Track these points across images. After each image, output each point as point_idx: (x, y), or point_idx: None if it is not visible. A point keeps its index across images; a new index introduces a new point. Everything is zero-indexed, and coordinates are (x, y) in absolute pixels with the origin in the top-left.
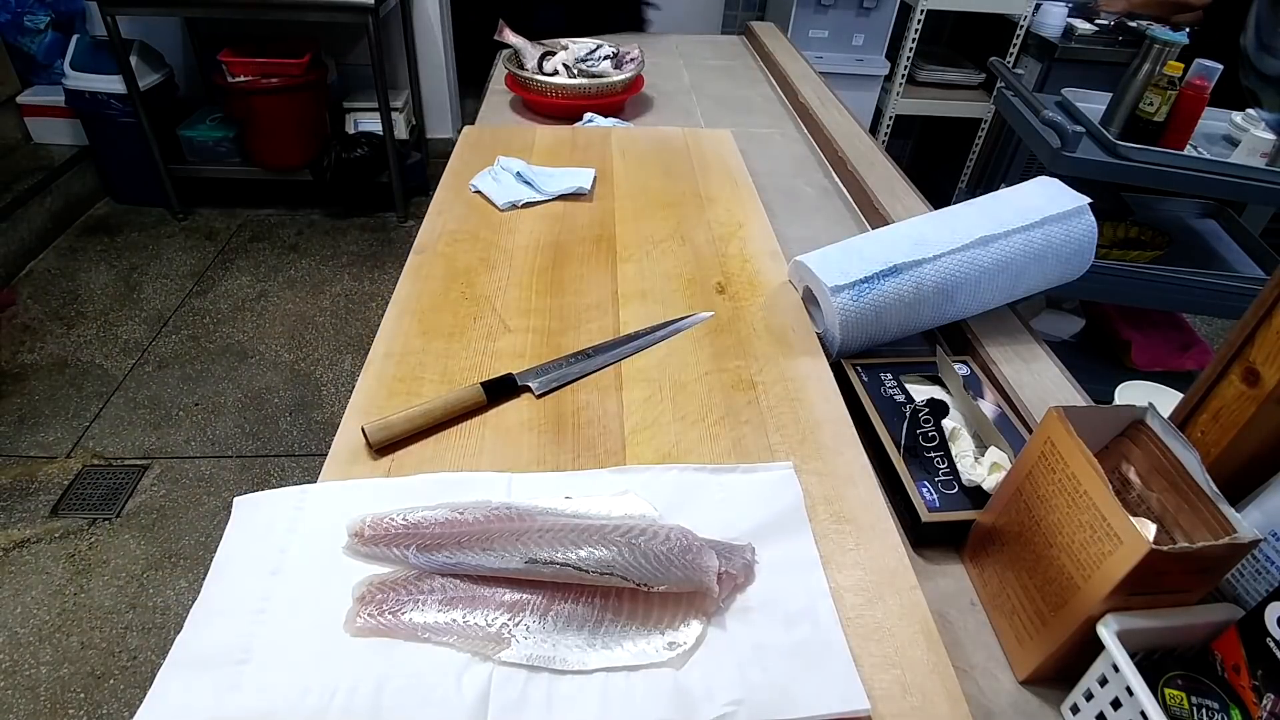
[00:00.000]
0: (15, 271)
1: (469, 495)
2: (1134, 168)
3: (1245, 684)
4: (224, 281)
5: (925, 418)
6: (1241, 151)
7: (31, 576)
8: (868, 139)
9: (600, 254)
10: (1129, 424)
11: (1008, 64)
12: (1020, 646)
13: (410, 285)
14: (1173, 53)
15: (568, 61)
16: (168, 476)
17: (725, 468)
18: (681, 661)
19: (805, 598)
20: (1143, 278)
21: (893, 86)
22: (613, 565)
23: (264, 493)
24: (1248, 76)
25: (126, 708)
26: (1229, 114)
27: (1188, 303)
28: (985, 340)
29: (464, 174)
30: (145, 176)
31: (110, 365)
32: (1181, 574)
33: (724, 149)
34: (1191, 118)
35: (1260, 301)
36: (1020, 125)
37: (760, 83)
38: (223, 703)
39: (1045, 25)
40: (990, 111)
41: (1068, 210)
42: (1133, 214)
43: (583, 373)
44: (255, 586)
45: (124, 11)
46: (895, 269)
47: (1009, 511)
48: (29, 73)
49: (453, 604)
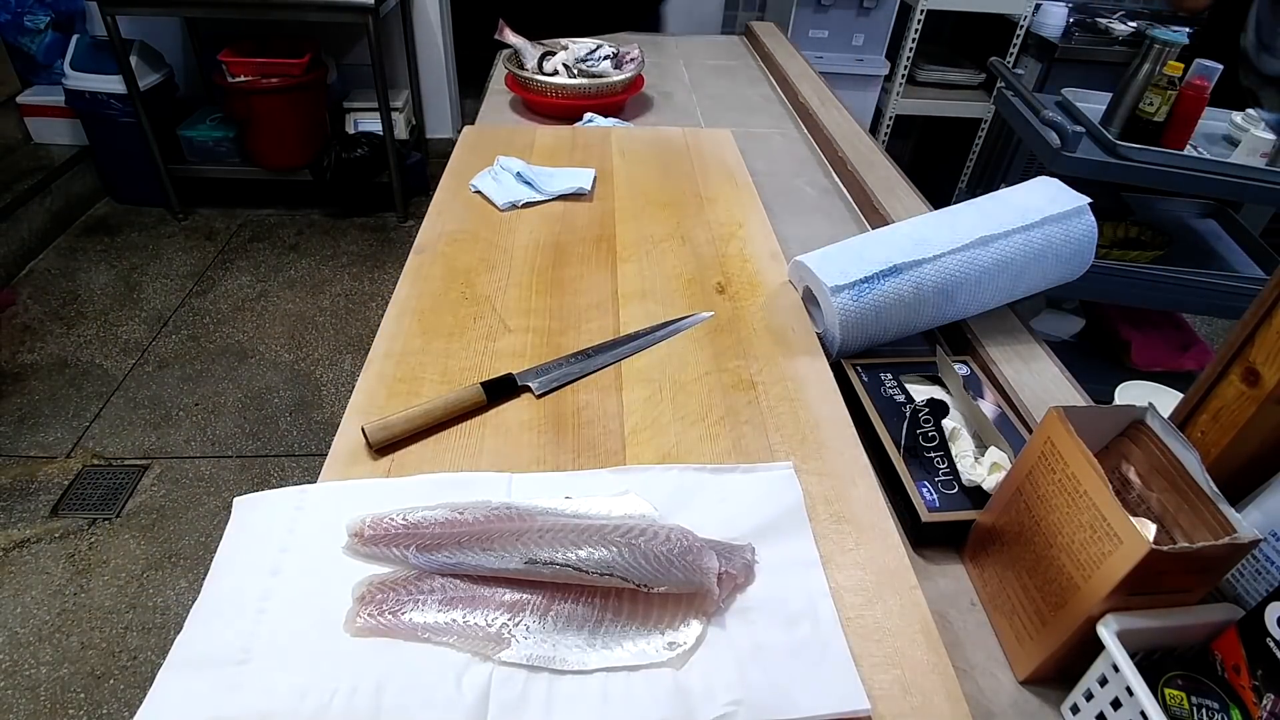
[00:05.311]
0: (15, 271)
1: (469, 495)
2: (1134, 168)
3: (1245, 684)
4: (224, 281)
5: (925, 418)
6: (1241, 151)
7: (31, 576)
8: (868, 139)
9: (600, 254)
10: (1129, 424)
11: (1008, 64)
12: (1020, 646)
13: (410, 285)
14: (1173, 53)
15: (568, 61)
16: (168, 476)
17: (725, 468)
18: (681, 661)
19: (805, 598)
20: (1143, 278)
21: (893, 86)
22: (613, 566)
23: (264, 493)
24: (1248, 76)
25: (126, 708)
26: (1229, 114)
27: (1188, 303)
28: (985, 340)
29: (464, 174)
30: (145, 176)
31: (110, 365)
32: (1181, 574)
33: (724, 149)
34: (1191, 118)
35: (1260, 301)
36: (1020, 125)
37: (760, 83)
38: (223, 703)
39: (1045, 25)
40: (990, 111)
41: (1068, 210)
42: (1133, 214)
43: (583, 373)
44: (255, 586)
45: (124, 11)
46: (895, 269)
47: (1009, 511)
48: (29, 73)
49: (453, 604)
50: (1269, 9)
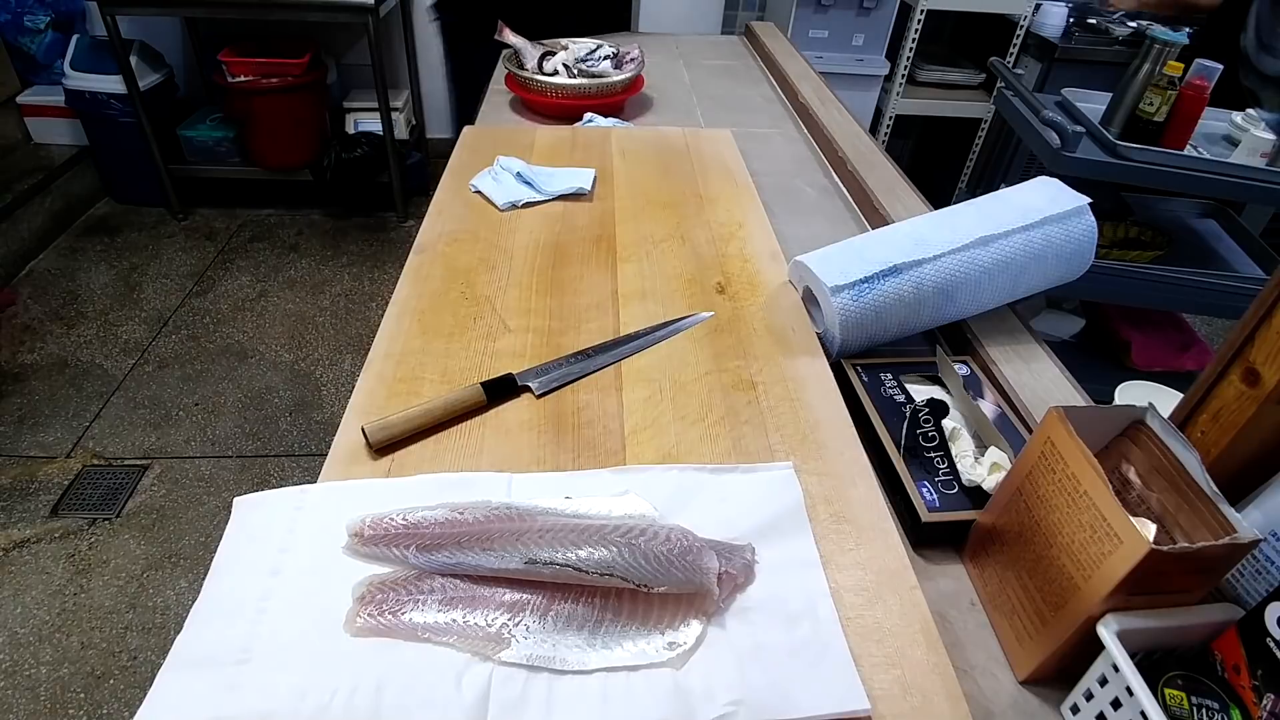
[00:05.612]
0: (15, 271)
1: (469, 495)
2: (1134, 168)
3: (1245, 684)
4: (224, 281)
5: (925, 418)
6: (1241, 151)
7: (31, 576)
8: (868, 139)
9: (600, 254)
10: (1129, 424)
11: (1008, 64)
12: (1020, 646)
13: (410, 285)
14: (1173, 53)
15: (568, 61)
16: (168, 476)
17: (725, 468)
18: (681, 661)
19: (805, 598)
20: (1143, 278)
21: (893, 86)
22: (613, 566)
23: (264, 493)
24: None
25: (126, 708)
26: (1229, 114)
27: (1188, 303)
28: (985, 340)
29: (464, 174)
30: (145, 176)
31: (110, 365)
32: (1181, 574)
33: (724, 149)
34: (1191, 118)
35: (1260, 301)
36: (1020, 125)
37: (760, 83)
38: (223, 703)
39: (1045, 25)
40: (990, 111)
41: (1068, 210)
42: (1133, 214)
43: (583, 373)
44: (255, 586)
45: (124, 11)
46: (895, 269)
47: (1009, 511)
48: (29, 73)
49: (453, 604)
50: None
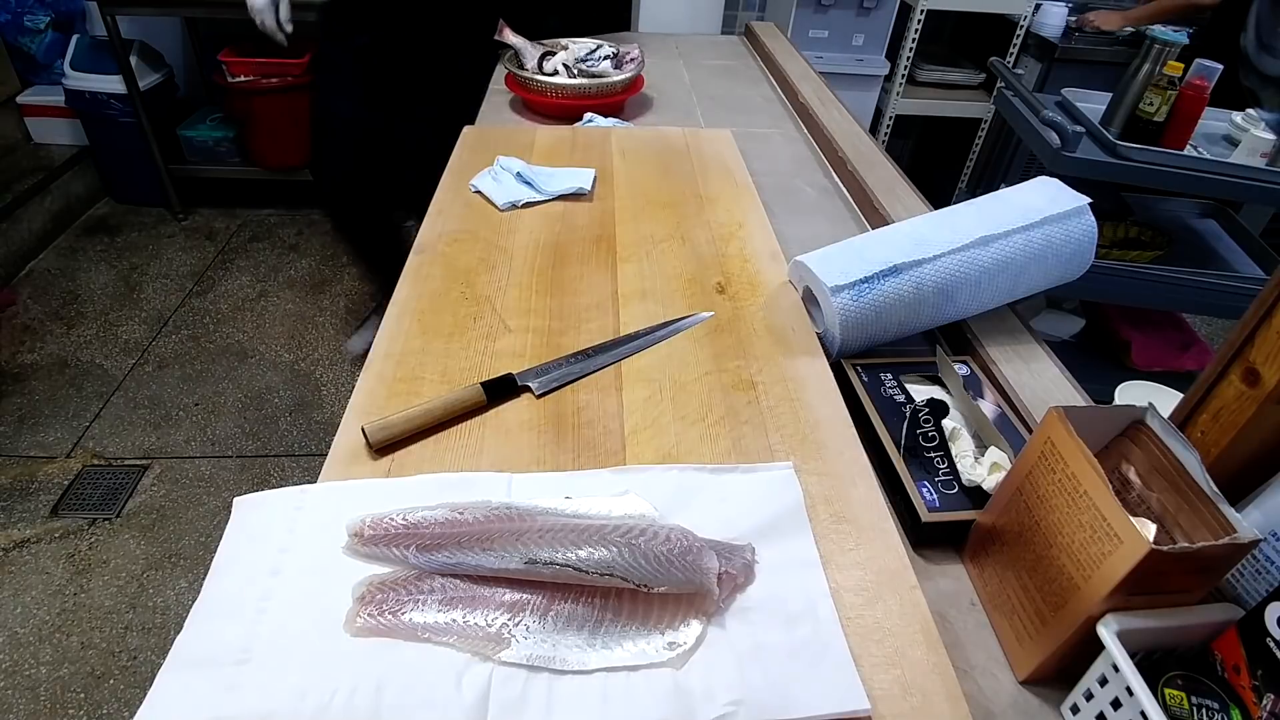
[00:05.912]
0: (15, 271)
1: (469, 495)
2: (1134, 168)
3: (1245, 684)
4: (224, 281)
5: (925, 418)
6: (1241, 151)
7: (31, 576)
8: (868, 139)
9: (600, 254)
10: (1129, 424)
11: (1008, 64)
12: (1020, 646)
13: (410, 285)
14: (1173, 53)
15: (568, 61)
16: (168, 476)
17: (725, 468)
18: (681, 661)
19: (805, 598)
20: (1143, 278)
21: (893, 86)
22: (613, 566)
23: (264, 493)
24: (1248, 76)
25: (126, 708)
26: (1229, 114)
27: (1188, 303)
28: (985, 340)
29: (464, 174)
30: (145, 176)
31: (110, 365)
32: (1181, 574)
33: (724, 149)
34: (1191, 118)
35: (1260, 301)
36: (1020, 125)
37: (760, 83)
38: (223, 703)
39: (1045, 25)
40: (990, 111)
41: (1068, 210)
42: (1133, 214)
43: (583, 373)
44: (255, 586)
45: (124, 11)
46: (895, 269)
47: (1009, 511)
48: (29, 73)
49: (453, 604)
50: (1269, 9)
